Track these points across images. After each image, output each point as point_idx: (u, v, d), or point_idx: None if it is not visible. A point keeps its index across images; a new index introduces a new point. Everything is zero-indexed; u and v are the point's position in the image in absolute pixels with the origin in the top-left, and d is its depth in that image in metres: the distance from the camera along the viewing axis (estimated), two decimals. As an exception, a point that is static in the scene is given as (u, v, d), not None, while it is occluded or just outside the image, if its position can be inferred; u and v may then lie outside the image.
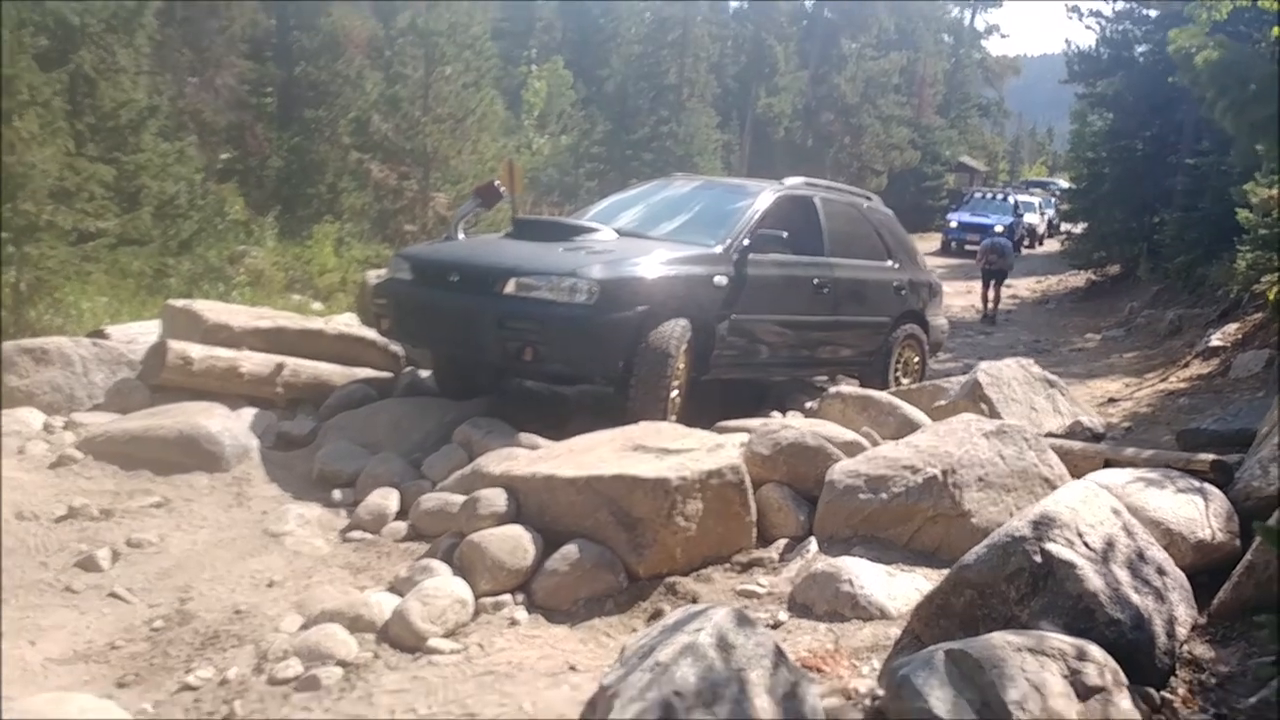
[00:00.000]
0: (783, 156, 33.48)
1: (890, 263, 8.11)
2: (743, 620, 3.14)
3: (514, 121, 22.55)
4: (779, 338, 6.93)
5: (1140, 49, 18.54)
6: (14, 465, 5.15)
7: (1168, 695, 3.21)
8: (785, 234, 6.56)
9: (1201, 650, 3.52)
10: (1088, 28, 19.38)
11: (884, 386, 7.60)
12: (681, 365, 5.97)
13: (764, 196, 6.95)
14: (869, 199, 8.57)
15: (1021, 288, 19.70)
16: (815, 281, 7.15)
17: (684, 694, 2.78)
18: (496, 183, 7.38)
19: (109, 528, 4.62)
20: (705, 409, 6.38)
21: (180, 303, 6.74)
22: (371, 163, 13.23)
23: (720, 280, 6.24)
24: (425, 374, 6.91)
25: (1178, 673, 3.35)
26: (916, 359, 8.32)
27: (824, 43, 34.23)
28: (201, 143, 13.74)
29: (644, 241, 6.42)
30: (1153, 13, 17.67)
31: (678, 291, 5.93)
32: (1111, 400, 8.81)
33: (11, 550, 4.37)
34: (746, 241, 6.49)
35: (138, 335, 6.82)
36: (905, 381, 8.02)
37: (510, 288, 5.58)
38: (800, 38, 35.91)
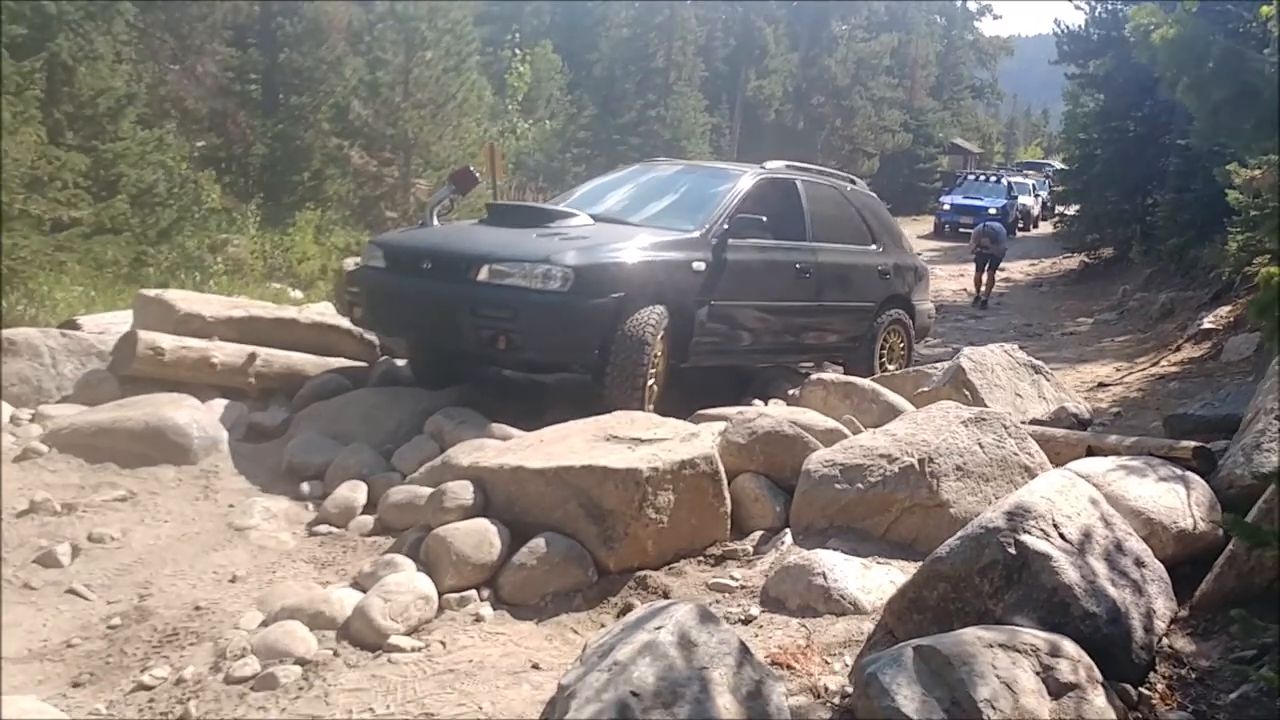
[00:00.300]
0: (773, 139, 33.30)
1: (874, 247, 8.02)
2: (706, 617, 3.05)
3: (500, 106, 22.35)
4: (760, 324, 6.83)
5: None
6: (-22, 459, 5.06)
7: (1145, 691, 3.13)
8: (765, 218, 6.47)
9: (1182, 644, 3.43)
10: (1077, 7, 19.07)
11: (869, 373, 7.53)
12: (659, 353, 5.88)
13: (744, 180, 6.86)
14: (853, 182, 8.46)
15: (1015, 270, 19.59)
16: (797, 266, 7.06)
17: (642, 694, 2.70)
18: (471, 168, 7.24)
19: (71, 522, 4.52)
20: (686, 396, 6.29)
21: (152, 292, 6.61)
22: (352, 149, 13.08)
23: (699, 266, 6.14)
24: (400, 363, 6.81)
25: (1157, 668, 3.27)
26: (902, 344, 8.22)
27: (814, 25, 34.01)
28: (183, 130, 13.58)
29: (621, 227, 6.32)
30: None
31: (654, 277, 5.83)
32: (1101, 385, 8.73)
33: (-30, 546, 4.27)
34: (726, 226, 6.39)
35: (110, 325, 6.70)
36: (891, 367, 7.94)
37: (483, 275, 5.49)
38: (790, 20, 35.66)
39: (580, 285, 5.40)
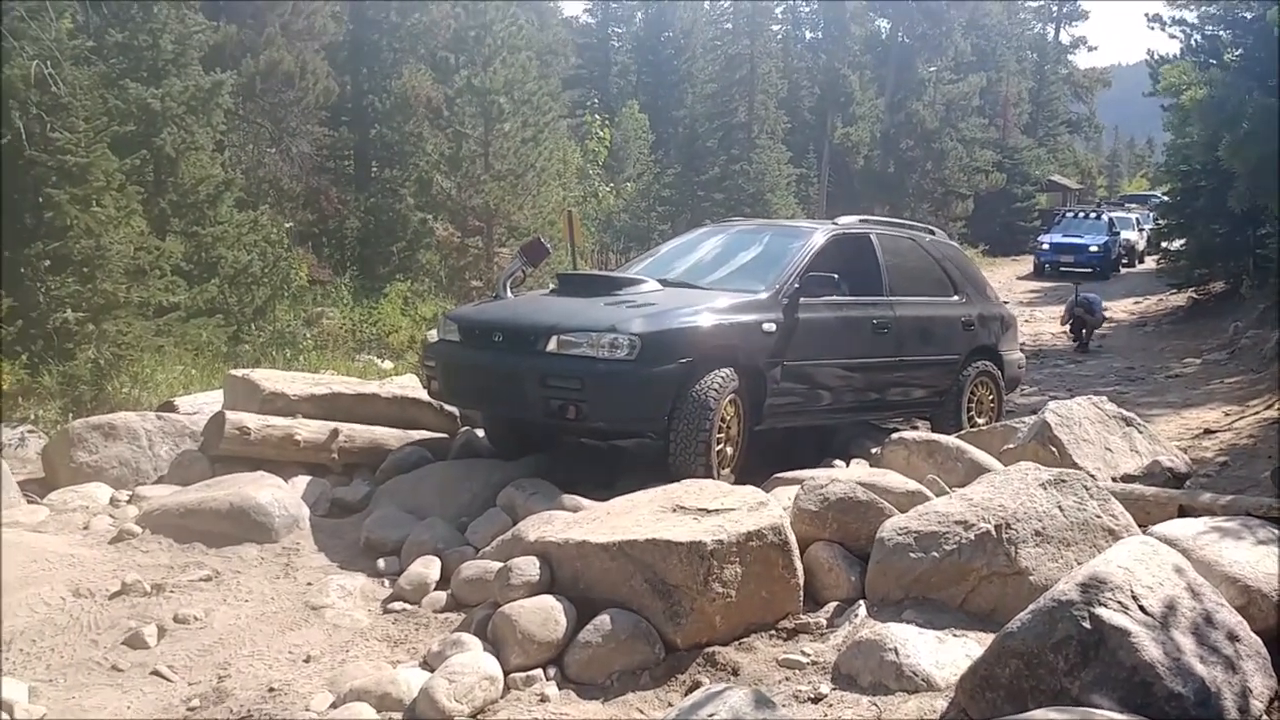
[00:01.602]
0: (863, 186, 33.14)
1: (957, 298, 7.84)
2: (762, 702, 2.98)
3: (583, 170, 22.78)
4: (838, 382, 6.71)
5: (1234, 54, 17.71)
6: (78, 541, 5.29)
7: (1241, 777, 2.92)
8: (838, 275, 6.39)
9: (1285, 723, 3.20)
10: (1171, 36, 18.46)
11: (957, 427, 7.35)
12: (730, 415, 5.83)
13: (815, 238, 6.80)
14: (931, 233, 8.32)
15: (1117, 310, 18.90)
16: (874, 322, 6.95)
17: (692, 787, 2.64)
18: (543, 239, 7.33)
19: (158, 603, 4.67)
20: (766, 458, 6.21)
21: (240, 372, 6.87)
22: (436, 222, 13.47)
23: (769, 327, 6.09)
24: (480, 434, 6.90)
25: (1256, 750, 3.05)
26: (991, 397, 7.97)
27: (900, 69, 33.80)
28: (279, 208, 14.20)
29: (689, 291, 6.32)
30: (1249, 14, 16.81)
31: (723, 341, 5.80)
32: (1208, 432, 8.30)
33: (65, 628, 4.45)
34: (797, 285, 6.33)
35: (204, 406, 6.99)
36: (980, 421, 7.70)
37: (552, 345, 5.55)
38: (875, 65, 35.59)
39: (647, 352, 5.40)
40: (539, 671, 3.91)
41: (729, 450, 5.89)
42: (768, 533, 4.26)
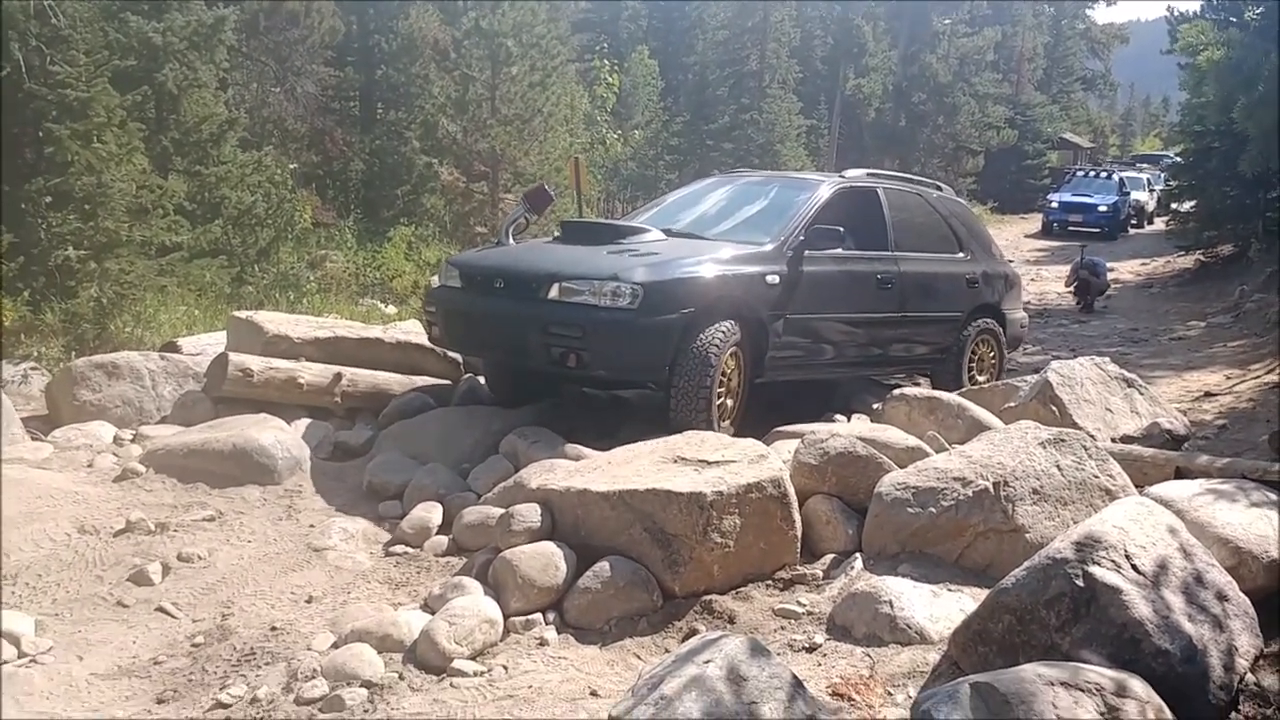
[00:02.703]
0: (873, 139, 32.84)
1: (962, 255, 7.80)
2: (757, 650, 3.02)
3: (591, 116, 22.53)
4: (840, 337, 6.69)
5: (1255, 11, 17.42)
6: (82, 478, 5.33)
7: (1225, 734, 2.98)
8: (843, 229, 6.33)
9: (1271, 681, 3.25)
10: (1191, -7, 18.13)
11: (957, 385, 7.36)
12: (732, 368, 5.83)
13: (821, 190, 6.73)
14: (939, 188, 8.23)
15: (1124, 271, 18.83)
16: (879, 277, 6.91)
17: (686, 731, 2.68)
18: (546, 186, 7.25)
19: (163, 542, 4.72)
20: (767, 412, 6.23)
21: (243, 314, 6.87)
22: (441, 166, 13.34)
23: (772, 279, 6.04)
24: (483, 380, 6.91)
25: (1240, 707, 3.11)
26: (993, 355, 7.97)
27: (914, 21, 33.30)
28: (283, 149, 14.09)
29: (692, 242, 6.28)
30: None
31: (726, 292, 5.76)
32: (1209, 395, 8.30)
33: (71, 564, 4.50)
34: (801, 238, 6.28)
35: (207, 347, 6.99)
36: (981, 379, 7.72)
37: (553, 293, 5.52)
38: (889, 16, 35.05)
39: (649, 302, 5.36)
40: (538, 616, 3.97)
41: (729, 403, 5.89)
42: (767, 485, 4.30)
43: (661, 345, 5.48)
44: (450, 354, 7.01)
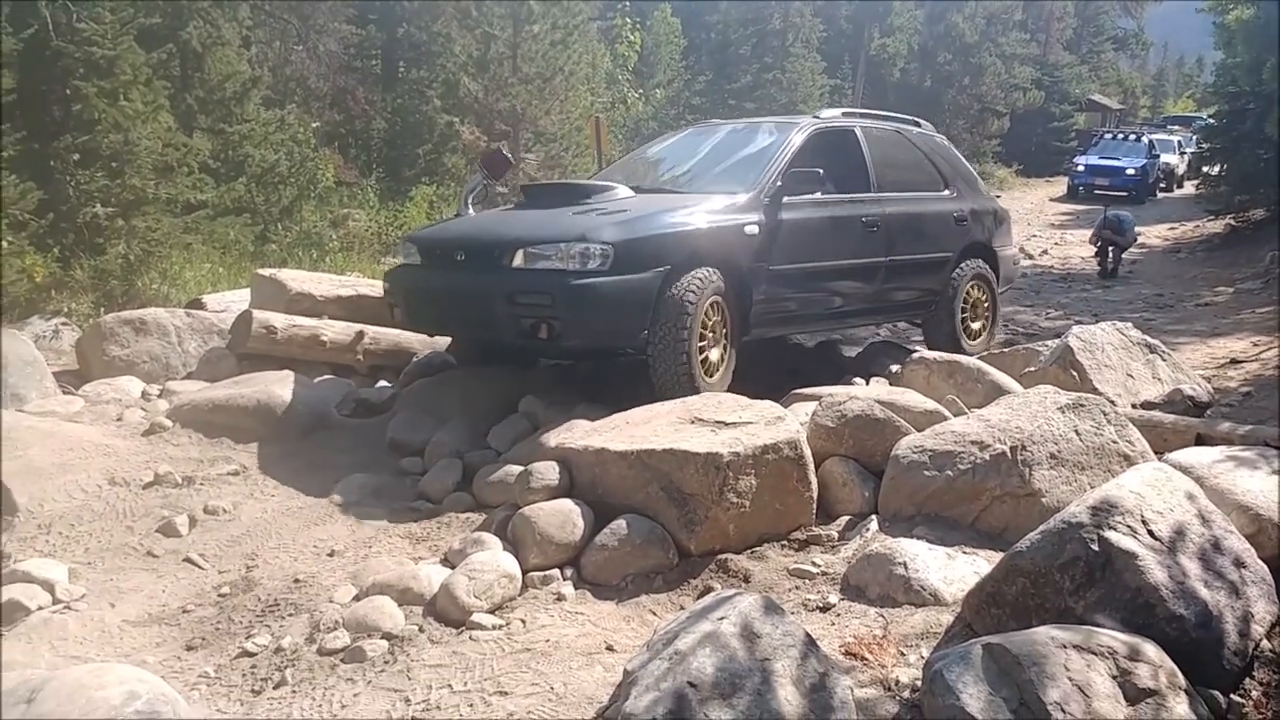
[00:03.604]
0: (898, 100, 32.34)
1: (948, 192, 7.42)
2: (771, 608, 3.06)
3: (613, 74, 22.34)
4: (827, 286, 6.39)
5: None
6: (112, 432, 5.44)
7: (1238, 699, 3.00)
8: (822, 171, 5.98)
9: (1286, 647, 3.26)
10: (1224, -54, 17.71)
11: (951, 331, 7.17)
12: (715, 320, 5.53)
13: (796, 134, 6.36)
14: (918, 124, 7.79)
15: (1151, 235, 18.58)
16: (863, 220, 6.55)
17: (700, 685, 2.73)
18: (504, 150, 6.80)
19: (189, 495, 4.82)
20: (785, 376, 6.23)
21: (267, 272, 6.95)
22: (463, 125, 13.31)
23: (751, 229, 5.71)
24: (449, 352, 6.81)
25: (1255, 674, 3.12)
26: (986, 299, 7.58)
27: (941, -21, 32.74)
28: (305, 108, 14.10)
29: (663, 196, 5.96)
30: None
31: (702, 246, 5.43)
32: (1234, 361, 8.22)
33: (102, 514, 4.62)
34: (779, 184, 5.93)
35: (231, 304, 7.09)
36: (975, 325, 7.48)
37: (518, 260, 5.20)
38: (916, -26, 34.44)
39: (621, 262, 5.06)
40: (556, 572, 4.03)
41: (714, 356, 5.55)
42: (783, 446, 4.32)
43: (638, 308, 5.16)
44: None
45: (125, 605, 3.98)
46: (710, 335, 5.50)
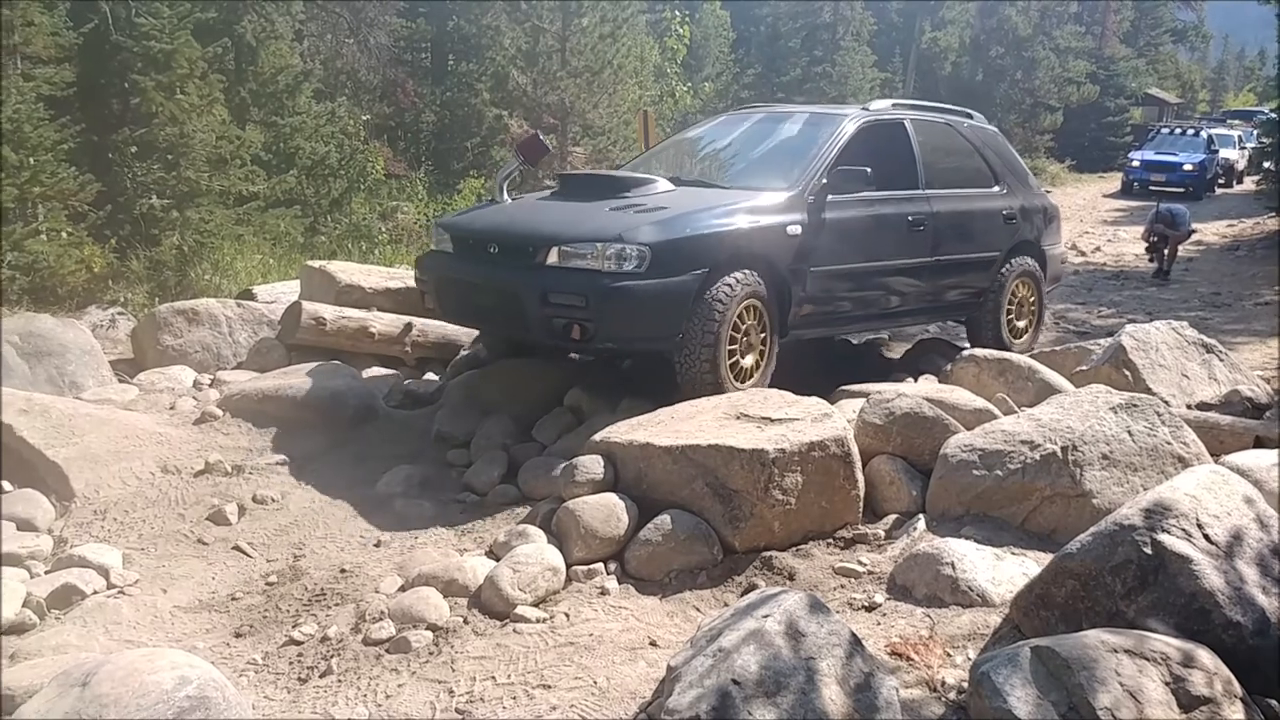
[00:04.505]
0: (949, 94, 31.93)
1: (998, 189, 7.20)
2: (816, 606, 3.04)
3: (661, 68, 22.30)
4: (870, 287, 6.22)
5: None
6: (165, 420, 5.54)
7: (1295, 707, 2.92)
8: (870, 169, 5.76)
9: (1347, 657, 3.16)
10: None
11: (996, 330, 7.03)
12: (749, 323, 5.36)
13: (844, 126, 6.14)
14: (969, 116, 7.58)
15: (1209, 232, 18.16)
16: (910, 219, 6.34)
17: (743, 683, 2.72)
18: (541, 136, 6.58)
19: (239, 483, 4.90)
20: (832, 373, 6.16)
21: (316, 264, 7.03)
22: (511, 118, 13.37)
23: (794, 229, 5.54)
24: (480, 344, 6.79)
25: (1313, 682, 3.03)
26: (1032, 298, 7.40)
27: (995, -29, 32.24)
28: (355, 101, 14.25)
29: (704, 191, 5.79)
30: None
31: (742, 247, 5.28)
32: (1293, 362, 8.03)
33: (155, 501, 4.72)
34: (824, 181, 5.74)
35: (281, 295, 7.18)
36: (1021, 324, 7.34)
37: (552, 258, 5.05)
38: (969, -33, 33.97)
39: (658, 264, 4.92)
40: (600, 565, 4.03)
41: (748, 361, 5.40)
42: (830, 443, 4.28)
43: (674, 310, 5.03)
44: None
45: (176, 591, 4.06)
46: (743, 339, 5.37)
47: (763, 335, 5.48)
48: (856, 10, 25.76)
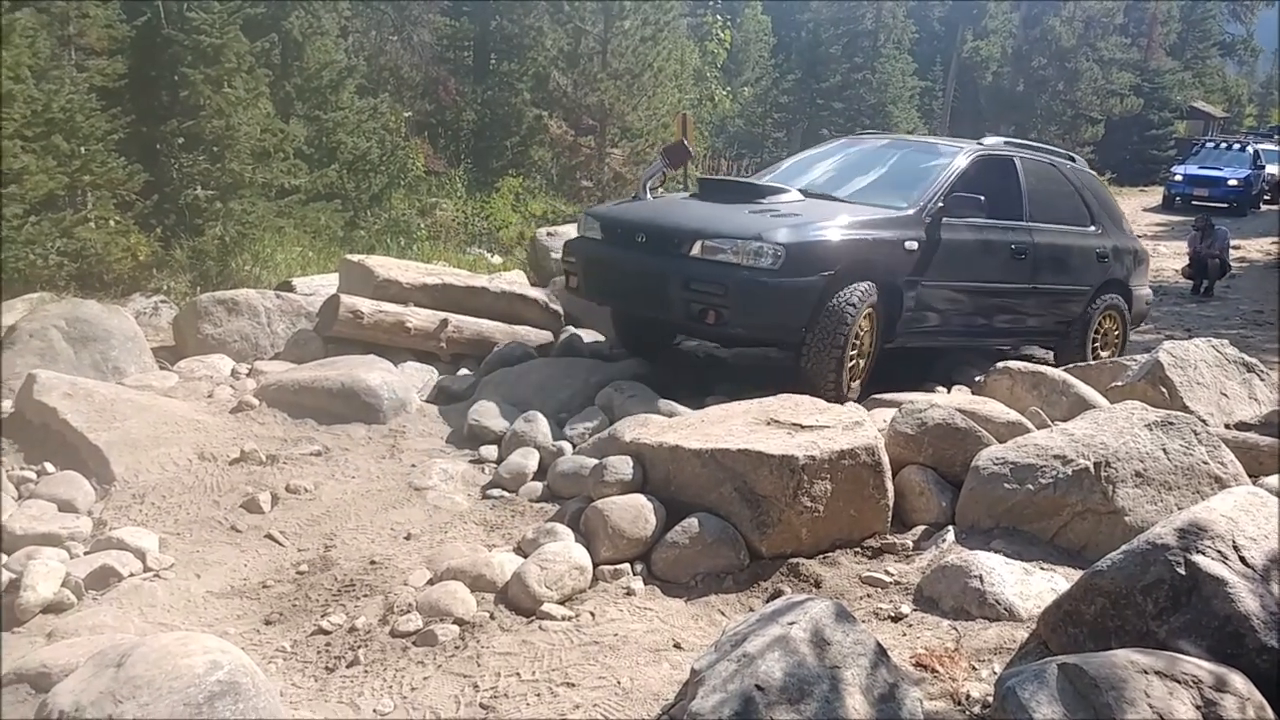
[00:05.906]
0: (989, 104, 31.78)
1: (1093, 228, 7.69)
2: (842, 615, 3.03)
3: (701, 72, 22.31)
4: (972, 305, 6.70)
5: None
6: (203, 408, 5.63)
7: (1328, 736, 2.87)
8: (983, 198, 6.29)
9: (1385, 686, 3.11)
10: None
11: (1081, 358, 7.29)
12: (864, 330, 5.88)
13: (960, 158, 6.71)
14: (1072, 159, 8.09)
15: (1252, 249, 17.90)
16: (1013, 247, 6.87)
17: (767, 689, 2.73)
18: (686, 142, 7.37)
19: (273, 472, 4.96)
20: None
21: (355, 257, 7.10)
22: (551, 119, 13.44)
23: (911, 245, 6.07)
24: (584, 334, 7.00)
25: (1347, 710, 2.99)
26: (1117, 331, 7.89)
27: (1039, -19, 31.96)
28: (397, 97, 14.37)
29: (831, 204, 6.29)
30: None
31: (865, 256, 5.81)
32: (1337, 383, 7.90)
33: (191, 487, 4.79)
34: (941, 204, 6.28)
35: (320, 288, 7.26)
36: (1105, 354, 7.63)
37: (696, 250, 5.62)
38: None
39: (791, 263, 5.45)
40: (626, 566, 4.05)
41: (860, 363, 5.95)
42: (860, 452, 4.27)
43: (800, 306, 5.56)
44: (552, 305, 7.12)
45: (210, 577, 4.12)
46: (859, 344, 5.88)
47: (872, 340, 6.00)
48: (898, 18, 25.61)
